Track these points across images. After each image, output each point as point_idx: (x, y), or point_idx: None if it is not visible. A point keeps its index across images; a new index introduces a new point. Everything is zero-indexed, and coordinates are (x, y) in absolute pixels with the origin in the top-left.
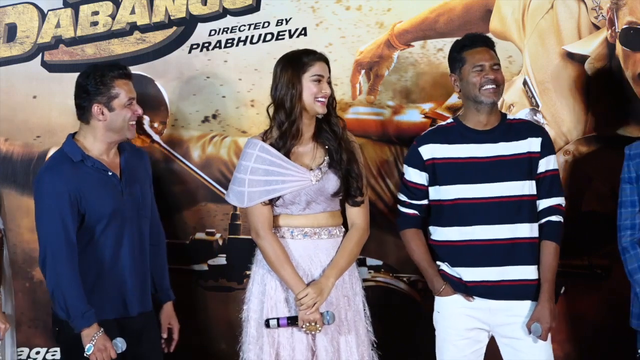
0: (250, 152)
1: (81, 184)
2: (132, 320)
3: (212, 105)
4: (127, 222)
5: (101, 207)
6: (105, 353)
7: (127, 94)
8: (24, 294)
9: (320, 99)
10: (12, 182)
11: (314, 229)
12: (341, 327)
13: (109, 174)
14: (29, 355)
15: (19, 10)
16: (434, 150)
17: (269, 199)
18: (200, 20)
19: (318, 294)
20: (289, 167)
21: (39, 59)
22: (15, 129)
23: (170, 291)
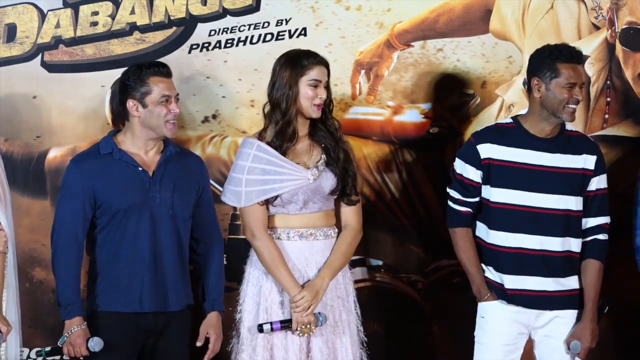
0: (247, 152)
1: (101, 176)
2: (147, 316)
3: (212, 106)
4: (152, 220)
5: (119, 200)
6: (75, 349)
7: (162, 91)
8: (24, 295)
9: (316, 103)
10: (12, 183)
11: (309, 229)
12: (336, 329)
13: (139, 169)
14: (29, 355)
15: (18, 11)
16: (491, 150)
17: (265, 199)
18: (200, 20)
19: (313, 297)
20: (287, 165)
21: (38, 59)
22: (15, 129)
23: (217, 303)
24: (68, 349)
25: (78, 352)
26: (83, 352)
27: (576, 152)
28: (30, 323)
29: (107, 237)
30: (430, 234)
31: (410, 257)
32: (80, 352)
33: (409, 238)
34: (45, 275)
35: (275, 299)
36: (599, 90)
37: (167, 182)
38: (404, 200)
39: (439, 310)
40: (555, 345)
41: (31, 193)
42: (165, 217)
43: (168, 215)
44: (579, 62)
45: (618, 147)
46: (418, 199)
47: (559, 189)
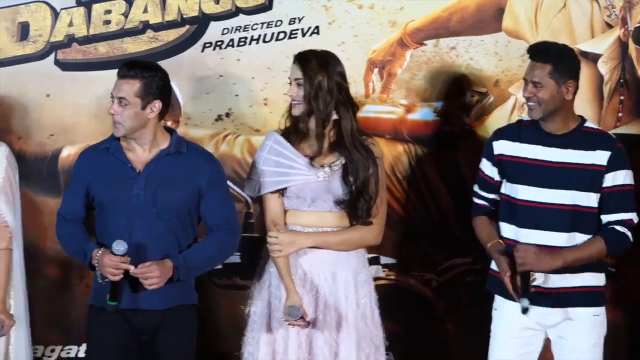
0: (265, 143)
1: (94, 170)
2: (143, 313)
3: (225, 104)
4: (132, 217)
5: (104, 194)
6: (112, 267)
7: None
8: (39, 292)
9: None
10: (25, 181)
11: (318, 228)
12: (340, 328)
13: (127, 166)
14: (44, 353)
15: (31, 9)
16: (504, 147)
17: (279, 190)
18: (213, 18)
19: (286, 243)
20: (297, 160)
21: (52, 57)
22: (28, 127)
23: (179, 258)
24: (109, 273)
25: (116, 265)
26: (120, 263)
27: (589, 148)
28: (46, 321)
29: (98, 230)
30: (443, 232)
31: (423, 255)
32: (118, 265)
33: (422, 236)
34: (60, 273)
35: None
36: (612, 88)
37: (154, 179)
38: (417, 199)
39: (453, 308)
40: (569, 347)
41: (44, 191)
42: (148, 215)
43: (151, 213)
44: (533, 59)
45: (634, 144)
46: (431, 197)
47: (567, 184)
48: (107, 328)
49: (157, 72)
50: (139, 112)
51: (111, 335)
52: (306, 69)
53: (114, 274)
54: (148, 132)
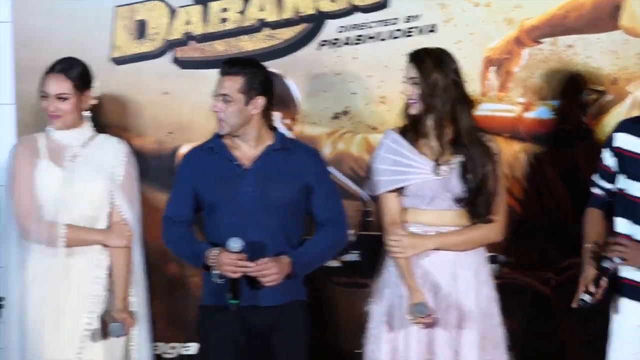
0: (383, 142)
1: (200, 170)
2: (261, 310)
3: (342, 102)
4: (243, 213)
5: (212, 193)
6: (230, 266)
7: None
8: (159, 290)
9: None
10: (144, 178)
11: (438, 227)
12: (461, 327)
13: (234, 163)
14: (165, 351)
15: (148, 7)
16: (624, 140)
17: (398, 189)
18: (329, 17)
19: (408, 245)
20: (415, 158)
21: (169, 55)
22: (146, 125)
23: (294, 254)
24: (228, 271)
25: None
26: (238, 260)
27: None
28: (167, 318)
29: (207, 230)
30: (561, 230)
31: (541, 254)
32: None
33: (540, 235)
34: (179, 270)
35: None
36: None
37: (262, 176)
38: (534, 197)
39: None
40: None
41: (163, 189)
42: (258, 211)
43: (262, 209)
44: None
45: None
46: (548, 195)
47: None
48: (222, 328)
49: (259, 68)
50: (243, 108)
51: (227, 335)
52: (421, 68)
53: (234, 272)
54: (252, 128)
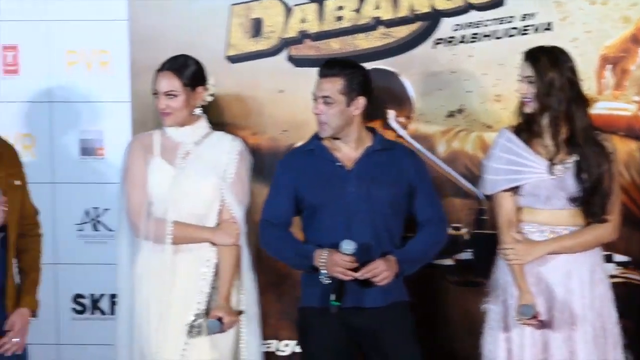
0: (498, 141)
1: (301, 172)
2: (365, 312)
3: (457, 100)
4: (348, 214)
5: (315, 195)
6: (339, 266)
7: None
8: (271, 287)
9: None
10: (259, 176)
11: (553, 227)
12: (576, 327)
13: (336, 164)
14: (278, 348)
15: (264, 5)
16: None
17: (513, 189)
18: (445, 15)
19: (524, 252)
20: (530, 157)
21: (284, 53)
22: (262, 123)
23: (398, 252)
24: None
25: (348, 265)
26: (346, 259)
27: None
28: (278, 316)
29: (309, 231)
30: None
31: None
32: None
33: None
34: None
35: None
36: None
37: (365, 176)
38: None
39: None
40: None
41: None
42: (363, 212)
43: (366, 210)
44: None
45: None
46: None
47: None
48: (324, 330)
49: (358, 69)
50: (344, 109)
51: (329, 337)
52: (537, 67)
53: (345, 274)
54: (353, 130)
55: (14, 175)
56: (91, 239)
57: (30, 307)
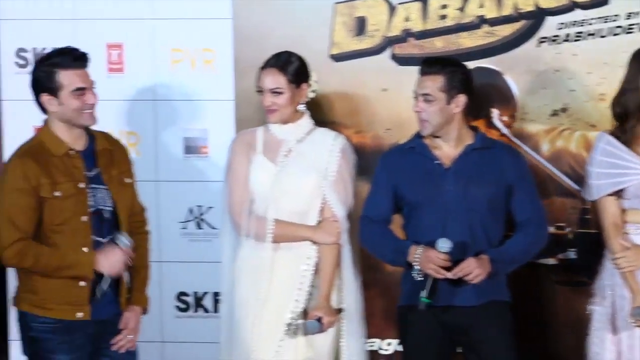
0: (597, 146)
1: (401, 170)
2: (457, 310)
3: (561, 99)
4: (445, 213)
5: (413, 192)
6: (433, 264)
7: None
8: (374, 286)
9: None
10: (364, 174)
11: None
12: None
13: (435, 162)
14: (381, 347)
15: (368, 4)
16: None
17: (616, 192)
18: (549, 13)
19: (635, 258)
20: (632, 159)
21: (388, 52)
22: (366, 121)
23: (492, 252)
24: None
25: (442, 263)
26: (445, 261)
27: None
28: (382, 314)
29: (408, 229)
30: None
31: None
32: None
33: None
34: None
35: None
36: None
37: (463, 175)
38: None
39: None
40: None
41: None
42: (460, 211)
43: (463, 208)
44: None
45: None
46: None
47: None
48: (421, 328)
49: (459, 67)
50: (444, 107)
51: (425, 335)
52: None
53: (437, 272)
54: (454, 127)
55: (124, 173)
56: (195, 237)
57: (142, 305)
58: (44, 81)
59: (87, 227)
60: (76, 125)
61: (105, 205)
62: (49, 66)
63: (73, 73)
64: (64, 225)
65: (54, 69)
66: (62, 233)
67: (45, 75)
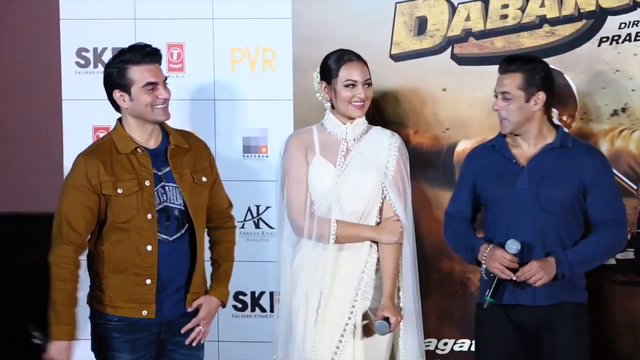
0: None
1: (481, 167)
2: (524, 309)
3: (621, 99)
4: (518, 211)
5: (489, 190)
6: (498, 265)
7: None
8: (432, 286)
9: None
10: (421, 174)
11: None
12: None
13: (512, 161)
14: (437, 346)
15: (429, 4)
16: None
17: None
18: (610, 13)
19: None
20: None
21: (448, 51)
22: (424, 121)
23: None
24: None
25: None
26: (510, 262)
27: None
28: (439, 314)
29: (486, 227)
30: None
31: None
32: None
33: None
34: (453, 266)
35: None
36: None
37: (537, 174)
38: None
39: None
40: None
41: (440, 185)
42: (532, 210)
43: (535, 208)
44: None
45: None
46: None
47: None
48: (493, 325)
49: (538, 64)
50: (523, 105)
51: (498, 332)
52: None
53: (502, 272)
54: (534, 126)
55: (201, 172)
56: (253, 237)
57: (219, 297)
58: (116, 78)
59: (153, 225)
60: (149, 121)
61: (175, 204)
62: (120, 63)
63: (144, 68)
64: (129, 223)
65: (126, 65)
66: (127, 230)
67: (117, 72)
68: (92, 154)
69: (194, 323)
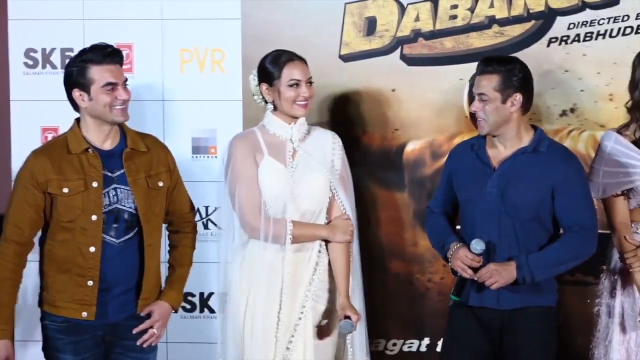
0: (605, 144)
1: (458, 166)
2: (489, 312)
3: (570, 99)
4: (490, 216)
5: (462, 190)
6: (461, 261)
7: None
8: (382, 287)
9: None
10: (370, 175)
11: None
12: None
13: (486, 163)
14: (386, 347)
15: (379, 4)
16: None
17: (624, 192)
18: (559, 13)
19: None
20: None
21: (397, 52)
22: (374, 121)
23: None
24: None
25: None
26: (472, 261)
27: None
28: (385, 315)
29: (461, 225)
30: None
31: None
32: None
33: None
34: (402, 267)
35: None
36: None
37: (505, 178)
38: None
39: None
40: None
41: (389, 186)
42: (497, 213)
43: (500, 211)
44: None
45: None
46: None
47: None
48: (459, 323)
49: (516, 65)
50: (500, 106)
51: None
52: None
53: (463, 270)
54: (511, 127)
55: (155, 176)
56: (202, 238)
57: (170, 302)
58: (76, 77)
59: (97, 226)
60: (107, 122)
61: (126, 206)
62: (81, 62)
63: (105, 68)
64: (74, 223)
65: (86, 64)
66: (72, 230)
67: (77, 71)
68: (42, 152)
69: (147, 325)
